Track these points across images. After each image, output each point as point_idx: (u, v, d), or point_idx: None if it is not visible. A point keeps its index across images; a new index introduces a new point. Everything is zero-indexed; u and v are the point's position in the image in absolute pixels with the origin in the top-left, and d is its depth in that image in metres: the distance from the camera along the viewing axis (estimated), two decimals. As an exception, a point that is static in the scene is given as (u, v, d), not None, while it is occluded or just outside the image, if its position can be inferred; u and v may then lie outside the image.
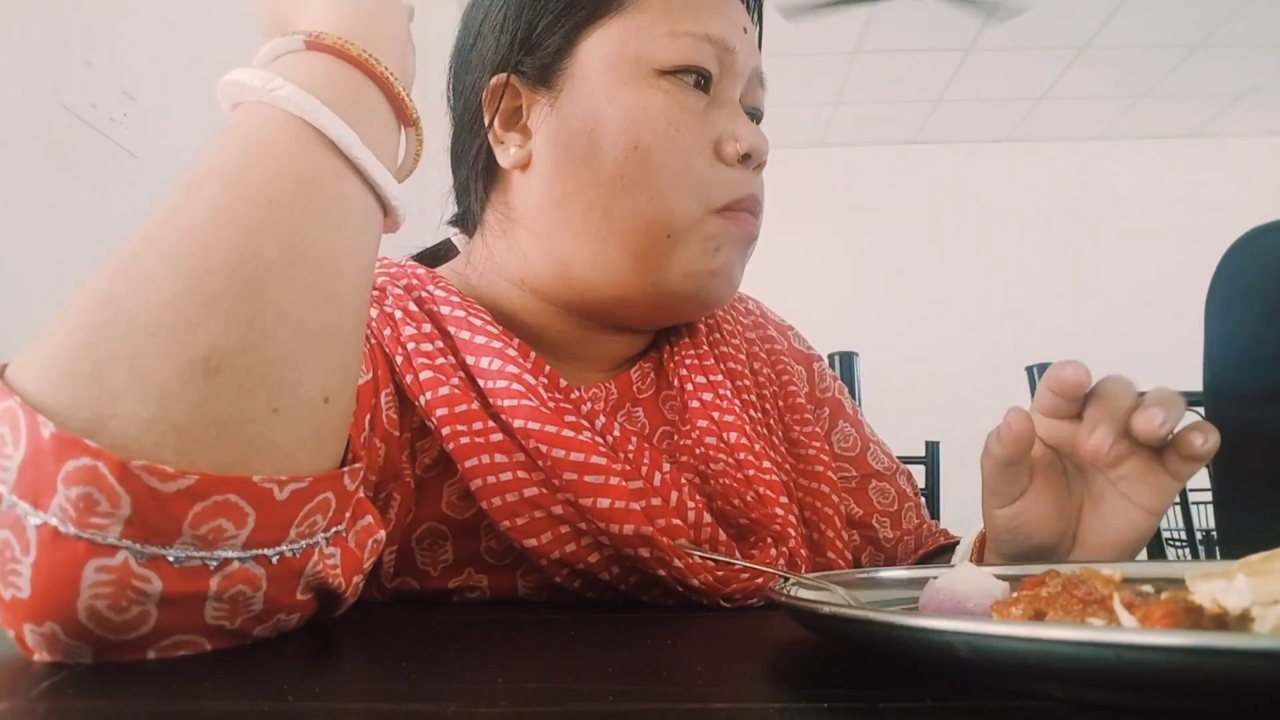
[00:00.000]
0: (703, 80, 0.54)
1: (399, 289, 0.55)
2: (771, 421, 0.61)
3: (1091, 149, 4.14)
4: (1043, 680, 0.22)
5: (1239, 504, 0.84)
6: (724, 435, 0.55)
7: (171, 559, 0.28)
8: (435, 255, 0.68)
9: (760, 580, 0.48)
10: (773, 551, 0.51)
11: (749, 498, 0.53)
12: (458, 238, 0.66)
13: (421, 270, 0.57)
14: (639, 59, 0.54)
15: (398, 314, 0.52)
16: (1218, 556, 1.21)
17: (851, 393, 1.19)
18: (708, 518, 0.50)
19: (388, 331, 0.51)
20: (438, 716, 0.21)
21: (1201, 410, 0.91)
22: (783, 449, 0.60)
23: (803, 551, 0.53)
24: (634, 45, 0.54)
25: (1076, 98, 3.78)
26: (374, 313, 0.52)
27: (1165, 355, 0.91)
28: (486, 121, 0.57)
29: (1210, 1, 3.09)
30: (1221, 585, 0.24)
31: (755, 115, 0.59)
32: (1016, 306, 3.88)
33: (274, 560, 0.30)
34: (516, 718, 0.21)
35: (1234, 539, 0.85)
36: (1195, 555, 1.28)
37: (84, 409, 0.27)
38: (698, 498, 0.51)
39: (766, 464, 0.55)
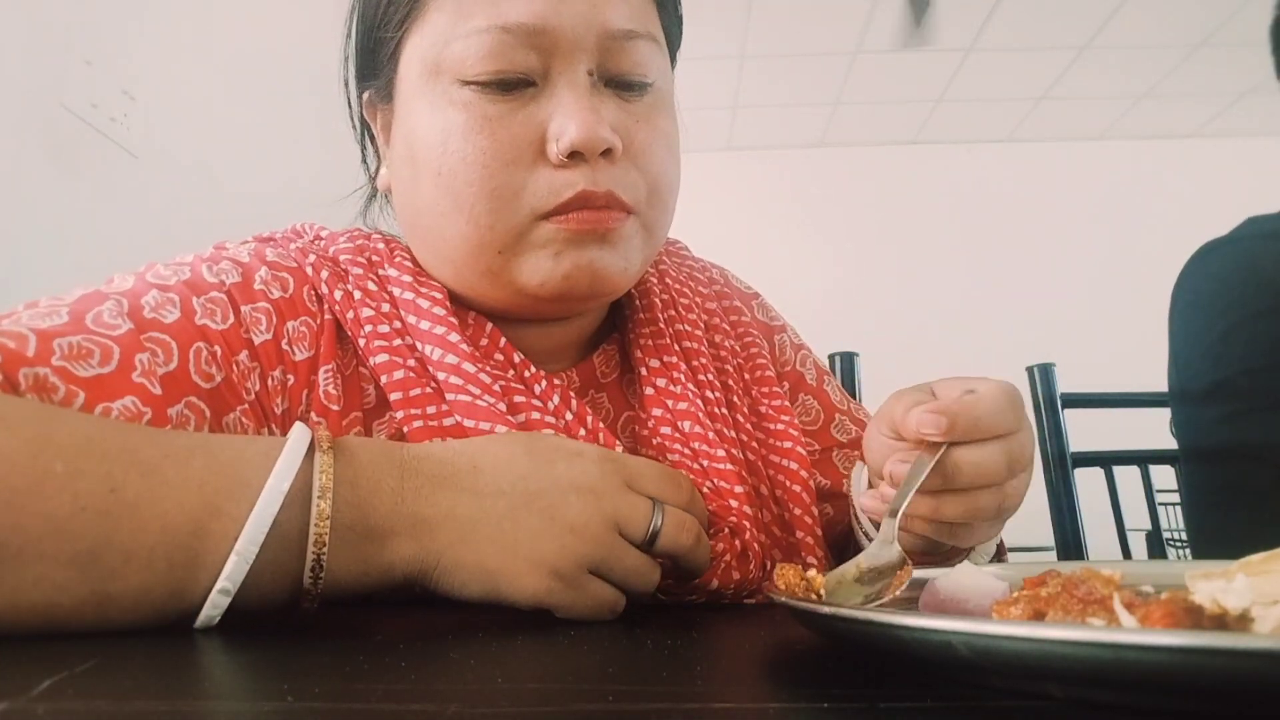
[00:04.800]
0: (514, 79, 0.49)
1: (359, 267, 0.55)
2: (734, 398, 0.59)
3: (1091, 149, 4.13)
4: (1043, 680, 0.22)
5: (1204, 506, 0.86)
6: (679, 424, 0.55)
7: None
8: None
9: (718, 573, 0.48)
10: (730, 542, 0.50)
11: (705, 489, 0.52)
12: None
13: (382, 245, 0.57)
14: (440, 68, 0.50)
15: (357, 294, 0.53)
16: (1189, 556, 1.21)
17: (852, 393, 1.18)
18: None
19: (350, 315, 0.52)
20: (438, 716, 0.21)
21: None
22: (748, 425, 0.59)
23: (761, 538, 0.52)
24: (435, 52, 0.50)
25: (1076, 98, 3.78)
26: (338, 294, 0.52)
27: (1165, 355, 0.91)
28: (365, 139, 0.59)
29: (1210, 1, 3.09)
30: (1221, 585, 0.24)
31: (626, 83, 0.52)
32: (1017, 306, 3.88)
33: None
34: (516, 718, 0.21)
35: (1199, 536, 0.88)
36: (1195, 555, 1.28)
37: None
38: None
39: (721, 453, 0.53)
